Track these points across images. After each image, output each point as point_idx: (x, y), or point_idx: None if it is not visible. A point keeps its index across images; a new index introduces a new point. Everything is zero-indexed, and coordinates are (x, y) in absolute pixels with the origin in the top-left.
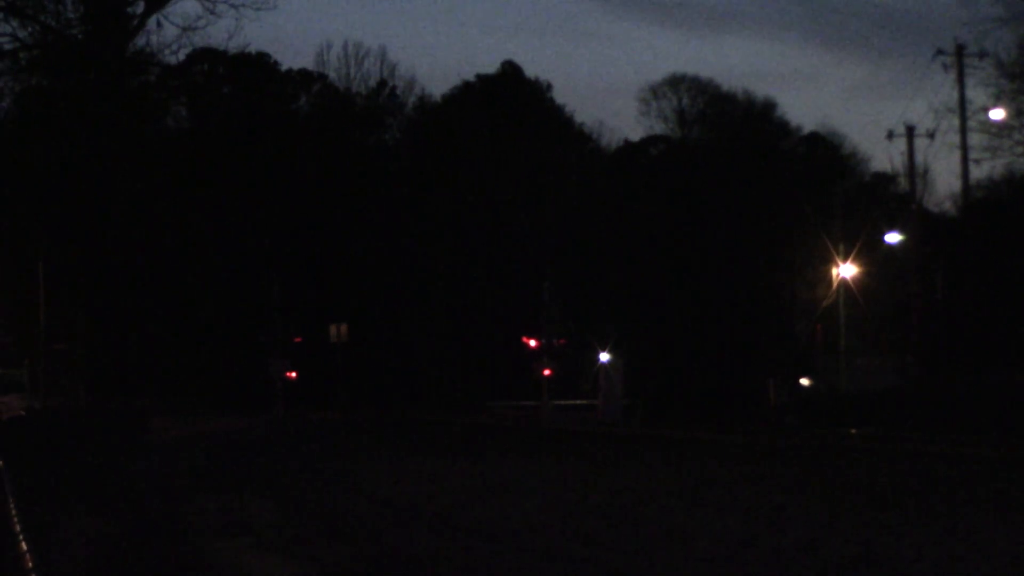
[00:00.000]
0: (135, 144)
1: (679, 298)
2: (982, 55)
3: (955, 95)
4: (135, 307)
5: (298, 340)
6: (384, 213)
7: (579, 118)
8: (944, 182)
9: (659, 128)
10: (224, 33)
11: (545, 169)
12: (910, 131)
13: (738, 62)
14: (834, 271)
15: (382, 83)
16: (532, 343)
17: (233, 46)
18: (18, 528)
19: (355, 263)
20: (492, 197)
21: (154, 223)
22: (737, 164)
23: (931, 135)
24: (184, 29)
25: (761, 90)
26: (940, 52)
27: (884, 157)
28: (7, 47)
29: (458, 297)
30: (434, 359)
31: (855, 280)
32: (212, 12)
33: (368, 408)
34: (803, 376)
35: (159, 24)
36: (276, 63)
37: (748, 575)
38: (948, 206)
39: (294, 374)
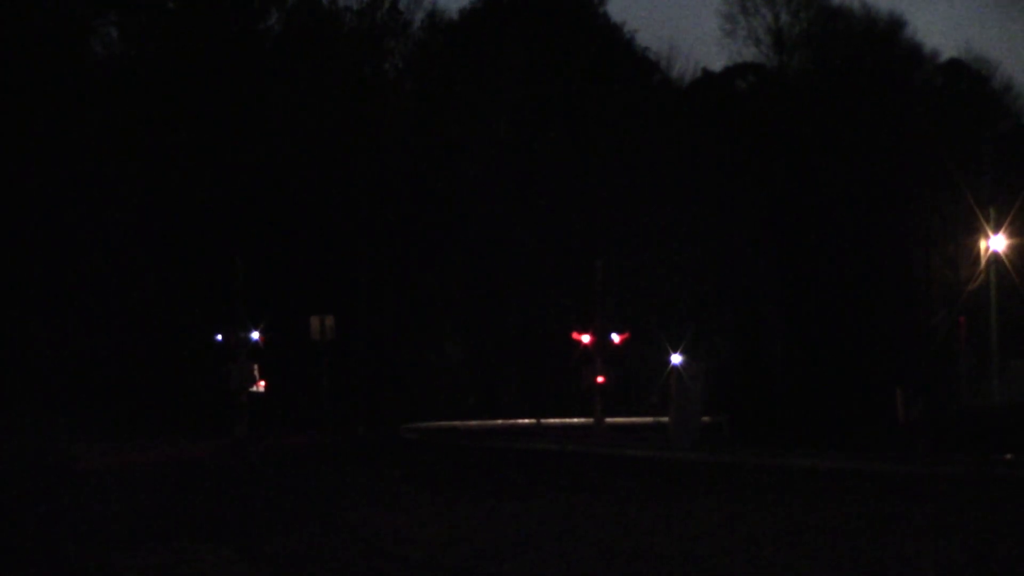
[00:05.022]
0: (47, 74)
1: (776, 279)
2: None
3: None
4: (42, 290)
5: (263, 340)
6: (383, 166)
7: (642, 40)
8: None
9: (749, 54)
10: None
11: (597, 107)
12: None
13: None
14: (982, 244)
15: None
16: (585, 339)
17: None
18: None
19: (343, 236)
20: (526, 144)
21: (70, 179)
22: (853, 101)
23: None
24: None
25: (885, 3)
26: None
27: None
28: None
29: (480, 282)
30: (449, 362)
31: (1010, 256)
32: None
33: (361, 427)
34: (941, 383)
35: None
36: None
37: None
38: None
39: (263, 384)
